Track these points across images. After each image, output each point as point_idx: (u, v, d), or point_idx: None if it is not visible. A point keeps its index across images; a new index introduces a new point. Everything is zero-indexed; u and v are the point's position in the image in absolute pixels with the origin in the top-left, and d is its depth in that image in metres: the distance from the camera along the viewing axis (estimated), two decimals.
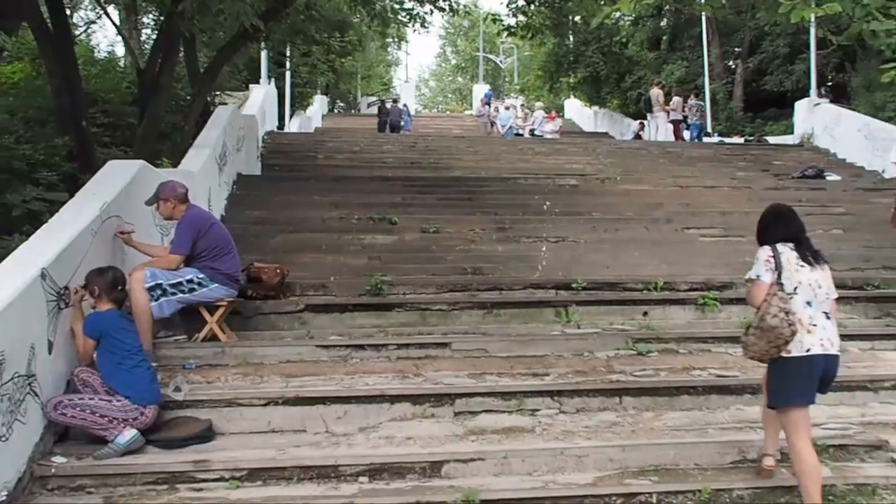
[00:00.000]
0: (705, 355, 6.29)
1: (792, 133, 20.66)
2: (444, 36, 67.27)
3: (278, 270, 7.13)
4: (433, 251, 9.19)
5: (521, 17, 15.37)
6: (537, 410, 5.36)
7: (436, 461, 4.63)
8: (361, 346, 6.29)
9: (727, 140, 21.97)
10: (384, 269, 8.03)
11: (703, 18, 25.00)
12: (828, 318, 4.35)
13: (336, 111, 42.84)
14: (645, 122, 23.85)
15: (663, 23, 30.63)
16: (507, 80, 51.60)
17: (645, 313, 7.05)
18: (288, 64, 23.41)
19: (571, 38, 29.43)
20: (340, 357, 6.19)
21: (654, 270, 8.09)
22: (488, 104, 29.31)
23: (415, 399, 5.37)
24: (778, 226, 4.53)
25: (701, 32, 25.79)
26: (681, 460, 4.73)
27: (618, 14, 27.99)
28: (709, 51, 26.03)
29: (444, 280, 7.75)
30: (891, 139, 14.46)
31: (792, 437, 4.28)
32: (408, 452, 4.78)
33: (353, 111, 44.54)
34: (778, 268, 4.32)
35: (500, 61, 52.24)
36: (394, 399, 5.35)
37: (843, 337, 6.58)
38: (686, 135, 22.31)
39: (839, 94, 22.11)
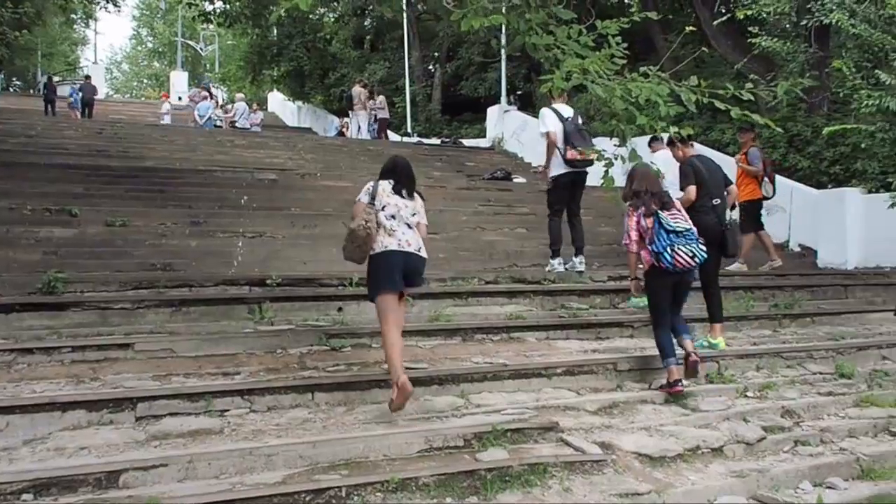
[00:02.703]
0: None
1: (485, 137, 22.04)
2: (138, 17, 63.14)
3: None
4: (119, 246, 8.54)
5: (220, 4, 14.81)
6: (227, 411, 5.13)
7: (113, 471, 4.23)
8: (29, 350, 5.65)
9: (426, 141, 22.92)
10: (61, 265, 7.29)
11: (405, 22, 25.87)
12: (409, 227, 5.66)
13: (12, 90, 38.59)
14: (348, 120, 24.17)
15: (367, 22, 31.23)
16: (207, 68, 49.67)
17: (340, 309, 7.05)
18: None
19: (275, 31, 29.01)
20: (3, 363, 5.51)
21: (352, 267, 8.12)
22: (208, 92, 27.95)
23: (91, 405, 4.90)
24: (389, 172, 5.86)
25: (403, 35, 26.64)
26: (371, 453, 4.75)
27: (322, 10, 28.10)
28: (410, 54, 26.95)
29: (130, 277, 7.20)
30: None
31: (381, 322, 5.53)
32: (81, 464, 4.33)
33: (31, 91, 40.35)
34: (373, 194, 5.67)
35: (201, 49, 50.18)
36: (66, 406, 4.85)
37: (523, 328, 7.18)
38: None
39: (526, 103, 23.93)
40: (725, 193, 7.35)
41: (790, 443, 5.68)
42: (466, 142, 22.76)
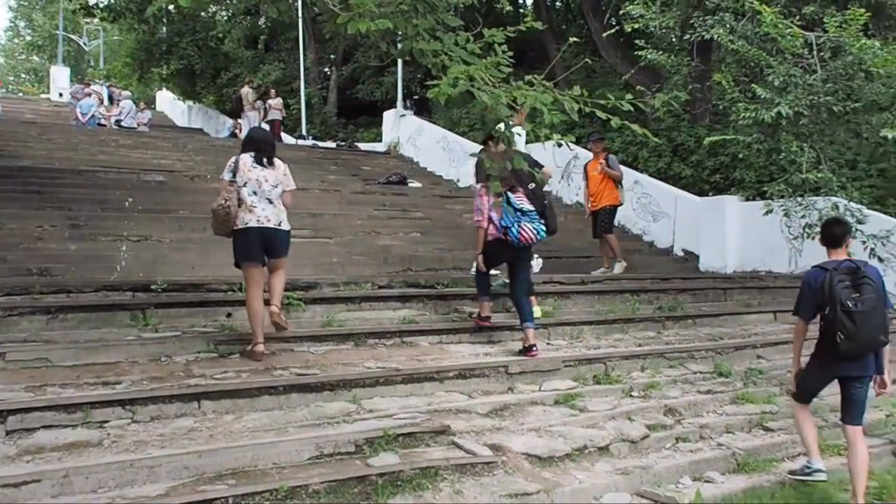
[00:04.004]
0: (288, 355, 6.32)
1: (381, 141, 21.99)
2: (15, 8, 59.94)
3: None
4: None
5: None
6: (106, 422, 4.90)
7: None
8: None
9: (321, 144, 22.67)
10: None
11: (301, 23, 25.52)
12: (270, 202, 6.18)
13: None
14: (241, 121, 23.67)
15: (261, 22, 30.66)
16: (92, 64, 47.70)
17: (229, 315, 6.85)
18: None
19: (164, 28, 28.12)
20: None
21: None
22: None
23: None
24: (249, 143, 6.47)
25: (298, 36, 26.28)
26: (259, 461, 4.65)
27: (214, 8, 27.45)
28: (305, 55, 26.62)
29: (2, 282, 6.79)
30: (464, 151, 15.94)
31: (247, 290, 6.15)
32: None
33: None
34: (236, 169, 6.15)
35: (85, 43, 48.16)
36: None
37: (416, 333, 7.18)
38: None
39: (422, 108, 23.97)
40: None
41: (672, 440, 5.91)
42: (362, 145, 22.65)
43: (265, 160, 6.29)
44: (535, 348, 6.93)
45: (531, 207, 7.03)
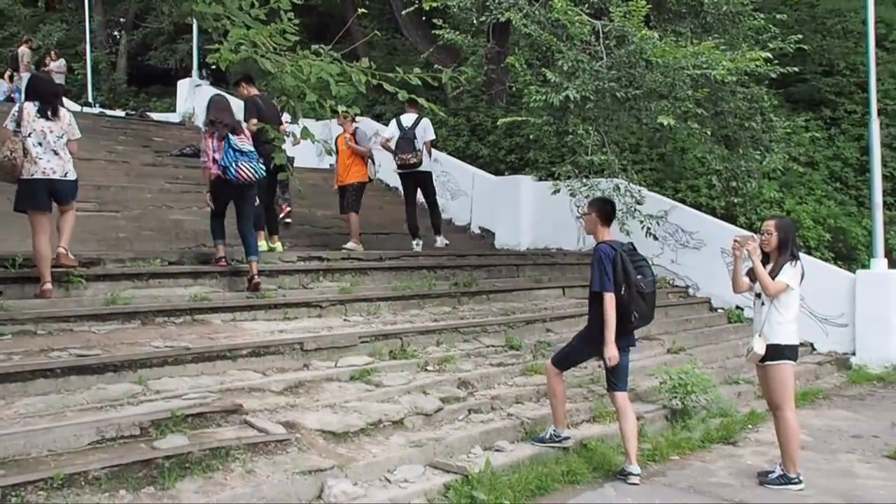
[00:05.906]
0: (66, 335, 5.91)
1: (175, 111, 20.98)
2: None
3: None
4: None
5: None
6: None
7: None
8: None
9: (109, 112, 21.29)
10: None
11: None
12: (56, 154, 6.41)
13: None
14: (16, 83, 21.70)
15: None
16: None
17: (0, 293, 6.32)
18: None
19: None
20: None
21: (16, 246, 7.31)
22: None
23: None
24: (32, 93, 6.59)
25: None
26: (32, 449, 4.34)
27: None
28: (91, 16, 24.85)
29: None
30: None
31: (34, 235, 6.29)
32: None
33: None
34: (20, 119, 6.28)
35: None
36: None
37: (208, 310, 6.95)
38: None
39: (220, 78, 23.05)
40: (281, 126, 8.96)
41: (465, 412, 6.10)
42: (154, 115, 21.45)
43: (50, 112, 6.44)
44: (256, 277, 7.50)
45: (250, 148, 7.60)
